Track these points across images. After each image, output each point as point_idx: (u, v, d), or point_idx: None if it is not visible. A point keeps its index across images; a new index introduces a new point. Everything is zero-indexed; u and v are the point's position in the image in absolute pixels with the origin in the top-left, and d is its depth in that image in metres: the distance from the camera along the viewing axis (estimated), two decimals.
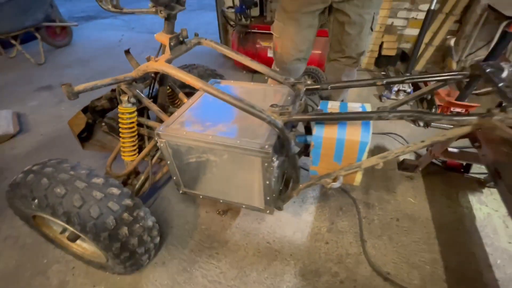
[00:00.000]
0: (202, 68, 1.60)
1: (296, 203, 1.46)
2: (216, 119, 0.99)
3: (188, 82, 0.85)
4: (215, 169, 0.98)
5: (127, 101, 1.06)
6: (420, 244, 1.26)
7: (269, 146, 0.83)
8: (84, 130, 1.25)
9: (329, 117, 0.81)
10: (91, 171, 0.91)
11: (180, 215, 1.42)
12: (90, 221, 0.83)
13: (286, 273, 1.17)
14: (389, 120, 0.73)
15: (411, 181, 1.56)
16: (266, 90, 1.17)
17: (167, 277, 1.17)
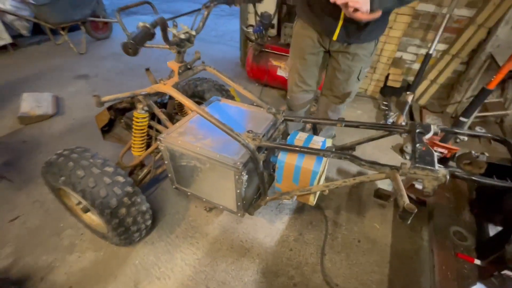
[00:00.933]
0: (211, 83, 1.84)
1: (273, 212, 1.66)
2: (207, 134, 1.23)
3: (186, 105, 1.09)
4: (200, 173, 1.22)
5: (142, 108, 1.32)
6: (373, 266, 1.42)
7: (240, 163, 1.05)
8: (106, 124, 1.53)
9: (288, 147, 1.02)
10: (105, 161, 1.18)
11: (173, 206, 1.67)
12: (98, 199, 1.09)
13: (250, 269, 1.38)
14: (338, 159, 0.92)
15: (382, 209, 1.71)
16: (255, 114, 1.38)
17: (153, 254, 1.43)
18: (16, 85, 2.81)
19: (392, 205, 1.73)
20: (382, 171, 0.82)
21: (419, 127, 0.91)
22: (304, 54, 1.46)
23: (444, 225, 1.02)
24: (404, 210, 0.67)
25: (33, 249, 1.44)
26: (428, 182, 0.75)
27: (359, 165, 0.87)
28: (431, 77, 2.52)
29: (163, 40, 0.98)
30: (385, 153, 2.16)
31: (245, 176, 1.09)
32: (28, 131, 2.24)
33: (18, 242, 1.46)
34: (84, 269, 1.36)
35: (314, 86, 1.62)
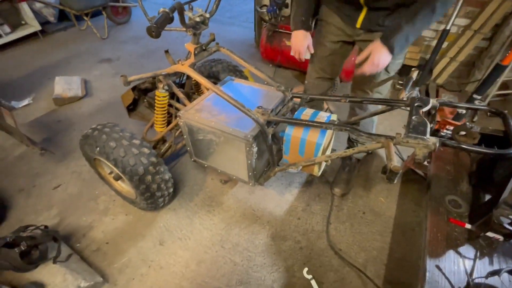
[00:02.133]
0: (225, 64, 1.93)
1: (283, 185, 1.78)
2: (222, 110, 1.34)
3: (202, 83, 1.20)
4: (216, 146, 1.35)
5: (162, 88, 1.45)
6: (375, 235, 1.52)
7: (250, 136, 1.16)
8: (131, 104, 1.69)
9: (293, 121, 1.11)
10: (132, 135, 1.34)
11: (192, 178, 1.84)
12: (128, 167, 1.26)
13: (260, 233, 1.53)
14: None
15: (389, 185, 1.78)
16: (266, 92, 1.47)
17: (175, 219, 1.61)
18: (48, 69, 3.05)
19: (399, 180, 1.79)
20: (378, 141, 0.90)
21: (418, 100, 0.96)
22: (325, 41, 1.41)
23: (440, 194, 1.09)
24: (390, 171, 0.76)
25: (74, 211, 1.67)
26: (419, 150, 0.82)
27: (357, 136, 0.95)
28: (450, 55, 2.44)
29: (180, 23, 1.07)
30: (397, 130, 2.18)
31: (255, 148, 1.20)
32: (62, 112, 2.47)
33: (62, 205, 1.70)
34: (117, 228, 1.58)
35: (332, 74, 1.54)
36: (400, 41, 1.02)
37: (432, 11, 0.96)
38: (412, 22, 0.98)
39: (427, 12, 0.96)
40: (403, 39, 1.02)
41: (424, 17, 0.97)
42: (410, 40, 1.04)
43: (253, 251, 1.46)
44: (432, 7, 0.95)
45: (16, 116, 2.44)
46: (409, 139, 0.83)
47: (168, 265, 1.41)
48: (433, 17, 0.98)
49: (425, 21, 0.98)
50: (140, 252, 1.47)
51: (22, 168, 1.95)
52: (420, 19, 0.97)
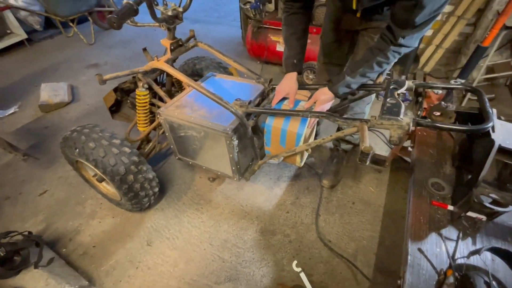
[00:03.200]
0: (209, 60, 1.91)
1: (272, 180, 1.77)
2: (202, 106, 1.32)
3: (178, 78, 1.18)
4: (197, 142, 1.33)
5: (142, 86, 1.44)
6: (365, 224, 1.51)
7: (230, 129, 1.15)
8: (113, 105, 1.67)
9: (271, 111, 1.10)
10: (112, 135, 1.32)
11: (180, 177, 1.82)
12: (109, 167, 1.24)
13: (249, 229, 1.51)
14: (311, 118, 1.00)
15: (378, 174, 1.77)
16: (247, 85, 1.45)
17: (163, 219, 1.59)
18: (35, 77, 3.02)
19: (388, 170, 1.78)
20: (354, 125, 0.89)
21: (393, 83, 0.95)
22: (328, 28, 1.36)
23: (423, 177, 1.07)
24: (362, 152, 0.74)
25: (61, 216, 1.65)
26: (394, 131, 0.81)
27: (333, 121, 0.93)
28: (436, 42, 2.44)
29: (151, 17, 1.06)
30: None
31: (236, 141, 1.19)
32: (49, 118, 2.45)
33: (48, 211, 1.68)
34: (105, 231, 1.56)
35: (339, 61, 1.46)
36: (343, 89, 1.07)
37: (370, 67, 0.99)
38: (353, 74, 1.02)
39: (366, 69, 0.99)
40: (345, 86, 1.06)
41: (364, 71, 1.00)
42: (354, 87, 1.07)
43: (242, 247, 1.44)
44: (370, 65, 0.98)
45: (2, 125, 2.42)
46: (383, 121, 0.82)
47: (156, 265, 1.39)
48: (372, 73, 1.00)
49: (365, 74, 1.01)
50: (127, 254, 1.45)
51: (8, 176, 1.93)
52: (360, 73, 1.01)
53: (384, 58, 0.94)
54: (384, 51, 0.92)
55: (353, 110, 1.43)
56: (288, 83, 1.19)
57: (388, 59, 0.94)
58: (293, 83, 1.19)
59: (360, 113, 1.45)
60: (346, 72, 1.03)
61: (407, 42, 0.89)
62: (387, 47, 0.91)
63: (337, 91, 1.06)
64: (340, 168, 1.73)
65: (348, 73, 1.02)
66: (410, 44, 0.90)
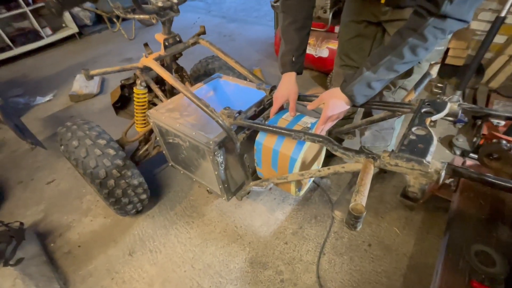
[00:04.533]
0: (223, 61, 1.75)
1: (276, 200, 1.54)
2: (195, 111, 1.16)
3: (165, 78, 1.04)
4: (185, 152, 1.17)
5: (140, 84, 1.33)
6: (381, 276, 1.19)
7: (213, 142, 0.96)
8: (119, 101, 1.61)
9: (260, 127, 0.88)
10: (100, 134, 1.24)
11: (179, 183, 1.70)
12: (89, 169, 1.15)
13: (238, 256, 1.31)
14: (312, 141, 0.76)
15: (408, 212, 1.41)
16: (252, 91, 1.25)
17: (152, 228, 1.48)
18: (76, 68, 3.22)
19: (422, 208, 1.42)
20: (356, 160, 0.63)
21: (428, 105, 0.66)
22: (347, 20, 1.15)
23: (464, 241, 0.75)
24: (349, 212, 0.48)
25: (60, 208, 1.64)
26: (415, 179, 0.53)
27: (331, 150, 0.68)
28: (509, 52, 1.93)
29: (135, 6, 0.92)
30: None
31: (220, 157, 0.99)
32: (77, 108, 2.55)
33: (50, 201, 1.69)
34: (93, 231, 1.50)
35: (359, 62, 1.23)
36: (361, 89, 0.77)
37: (399, 56, 0.69)
38: (374, 67, 0.74)
39: (394, 57, 0.70)
40: (365, 86, 0.77)
41: (391, 62, 0.71)
42: (376, 87, 0.77)
43: (225, 277, 1.24)
44: (399, 52, 0.69)
45: (37, 111, 2.60)
46: (399, 161, 0.55)
47: (131, 280, 1.27)
48: (401, 64, 0.71)
49: (393, 67, 0.72)
50: (108, 261, 1.36)
51: (28, 160, 2.02)
52: (384, 65, 0.72)
53: (420, 39, 0.65)
54: (420, 29, 0.64)
55: (378, 125, 1.12)
56: (286, 87, 0.95)
57: (426, 41, 0.65)
58: (292, 86, 0.94)
59: (387, 129, 1.13)
60: (364, 66, 0.75)
61: (456, 11, 0.60)
62: (423, 22, 0.63)
63: (353, 93, 0.77)
64: None
65: (368, 66, 0.74)
66: (461, 15, 0.61)
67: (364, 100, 0.78)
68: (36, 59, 3.62)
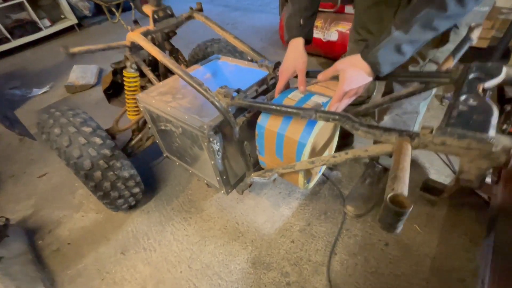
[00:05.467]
0: (223, 43, 1.61)
1: (281, 195, 1.40)
2: (188, 94, 1.03)
3: (152, 53, 0.90)
4: (179, 140, 1.04)
5: (130, 66, 1.21)
6: (400, 280, 1.05)
7: (208, 126, 0.83)
8: (111, 88, 1.48)
9: (262, 106, 0.74)
10: (86, 121, 1.12)
11: (177, 177, 1.58)
12: (72, 160, 1.04)
13: (239, 256, 1.19)
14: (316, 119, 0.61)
15: (430, 207, 1.26)
16: (252, 71, 1.11)
17: (146, 224, 1.36)
18: (75, 59, 3.12)
19: (446, 203, 1.27)
20: (386, 140, 0.48)
21: (476, 70, 0.51)
22: None
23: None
24: (385, 206, 0.34)
25: (50, 203, 1.54)
26: (470, 162, 0.39)
27: (351, 130, 0.54)
28: None
29: None
30: None
31: (216, 144, 0.86)
32: (73, 99, 2.46)
33: (41, 196, 1.59)
34: (84, 228, 1.39)
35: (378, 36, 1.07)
36: (388, 55, 0.62)
37: (440, 7, 0.53)
38: (406, 26, 0.58)
39: (432, 10, 0.54)
40: (393, 50, 0.61)
41: (429, 16, 0.54)
42: (407, 52, 0.61)
43: (225, 279, 1.12)
44: (439, 3, 0.53)
45: (34, 102, 2.50)
46: (448, 138, 0.40)
47: (123, 281, 1.16)
48: (443, 19, 0.55)
49: (431, 23, 0.55)
50: (98, 260, 1.25)
51: (21, 153, 1.93)
52: (419, 21, 0.56)
53: None
54: None
55: (401, 107, 0.96)
56: (293, 56, 0.80)
57: None
58: (300, 55, 0.79)
59: (411, 113, 0.97)
60: (393, 24, 0.60)
61: None
62: None
63: (377, 60, 0.62)
64: (374, 192, 1.28)
65: (397, 25, 0.59)
66: None
67: (390, 69, 0.63)
68: (35, 51, 3.54)
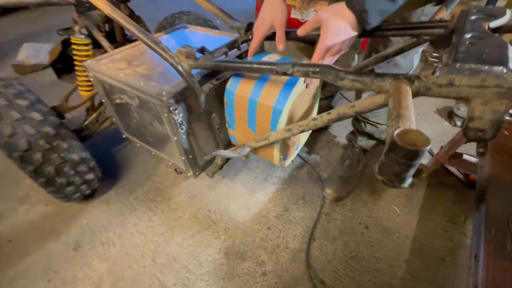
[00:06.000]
0: (193, 16, 1.46)
1: (257, 180, 1.30)
2: (147, 60, 0.88)
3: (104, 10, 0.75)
4: (136, 114, 0.90)
5: (79, 32, 1.02)
6: (381, 263, 1.00)
7: (167, 93, 0.70)
8: (59, 61, 1.28)
9: (230, 65, 0.62)
10: (21, 93, 0.93)
11: (142, 163, 1.42)
12: (2, 138, 0.85)
13: (211, 246, 1.07)
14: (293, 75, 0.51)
15: (409, 188, 1.23)
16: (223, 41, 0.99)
17: (105, 216, 1.20)
18: (27, 38, 2.76)
19: (424, 184, 1.24)
20: (378, 88, 0.39)
21: (479, 12, 0.44)
22: None
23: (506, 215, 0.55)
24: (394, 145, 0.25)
25: None
26: (484, 104, 0.31)
27: (335, 82, 0.45)
28: None
29: None
30: (425, 118, 1.61)
31: (179, 115, 0.73)
32: (23, 81, 2.15)
33: None
34: (30, 222, 1.20)
35: None
36: (378, 1, 0.52)
37: None
38: None
39: None
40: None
41: None
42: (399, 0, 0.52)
43: (194, 272, 1.00)
44: None
45: None
46: (456, 76, 0.32)
47: (75, 281, 1.01)
48: None
49: None
50: (45, 258, 1.08)
51: None
52: None
53: None
54: None
55: (393, 61, 0.86)
56: (270, 7, 0.68)
57: None
58: (278, 6, 0.67)
59: (405, 69, 0.89)
60: None
61: None
62: None
63: (364, 7, 0.52)
64: (353, 174, 1.22)
65: None
66: None
67: (378, 20, 0.53)
68: None
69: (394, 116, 0.28)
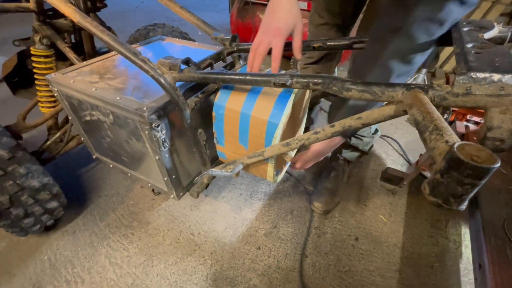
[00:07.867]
0: (169, 28, 1.41)
1: (242, 196, 1.24)
2: (122, 73, 0.81)
3: (66, 13, 0.67)
4: (110, 132, 0.81)
5: (40, 41, 0.92)
6: (374, 275, 0.98)
7: (148, 107, 0.63)
8: (15, 74, 1.14)
9: (221, 77, 0.58)
10: None
11: (114, 185, 1.29)
12: None
13: (196, 273, 0.98)
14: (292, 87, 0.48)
15: (392, 196, 1.26)
16: (203, 52, 0.95)
17: (71, 248, 1.05)
18: None
19: (405, 191, 1.28)
20: (389, 98, 0.38)
21: (469, 24, 0.45)
22: None
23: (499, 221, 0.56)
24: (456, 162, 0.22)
25: None
26: (503, 113, 0.30)
27: (340, 93, 0.43)
28: None
29: None
30: (398, 127, 1.68)
31: (161, 132, 0.66)
32: None
33: None
34: None
35: (344, 20, 0.98)
36: None
37: None
38: None
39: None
40: None
41: None
42: None
43: None
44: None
45: None
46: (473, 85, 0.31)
47: None
48: None
49: None
50: None
51: None
52: None
53: None
54: None
55: None
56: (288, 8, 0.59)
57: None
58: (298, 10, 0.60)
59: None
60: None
61: None
62: None
63: None
64: (340, 185, 1.22)
65: None
66: None
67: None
68: None
69: (432, 129, 0.26)
